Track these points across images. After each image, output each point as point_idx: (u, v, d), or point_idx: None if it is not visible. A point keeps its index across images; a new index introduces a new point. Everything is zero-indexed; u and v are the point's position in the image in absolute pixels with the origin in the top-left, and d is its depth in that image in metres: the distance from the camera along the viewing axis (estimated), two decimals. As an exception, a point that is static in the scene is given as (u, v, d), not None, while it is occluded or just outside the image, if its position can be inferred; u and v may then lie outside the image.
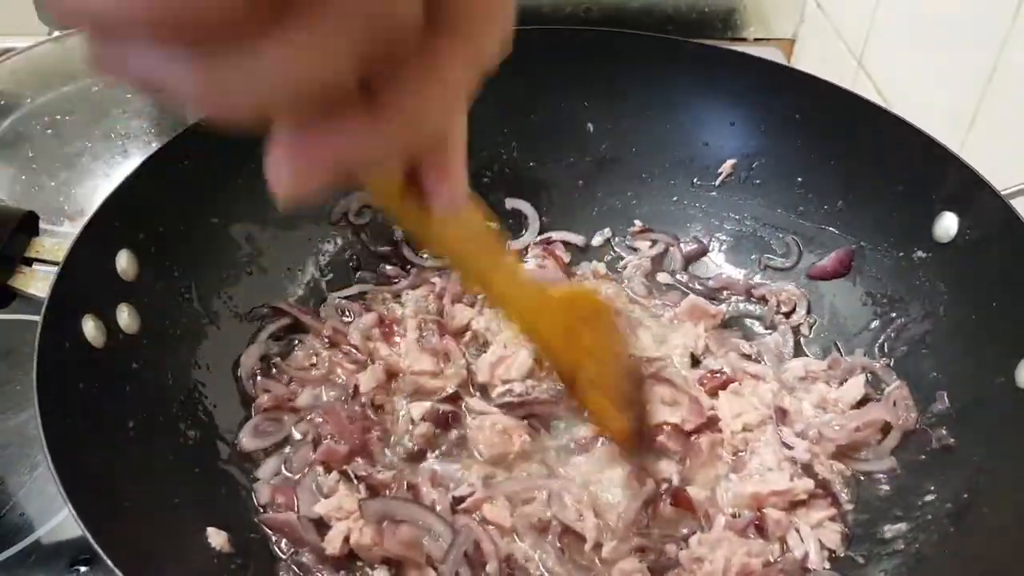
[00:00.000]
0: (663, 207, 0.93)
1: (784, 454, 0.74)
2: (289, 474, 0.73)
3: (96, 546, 0.52)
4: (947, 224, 0.76)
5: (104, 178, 1.00)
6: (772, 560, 0.69)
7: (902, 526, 0.69)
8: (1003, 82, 0.87)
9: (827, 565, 0.69)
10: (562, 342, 0.65)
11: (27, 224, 0.74)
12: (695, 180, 0.92)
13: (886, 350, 0.80)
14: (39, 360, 0.60)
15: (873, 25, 1.10)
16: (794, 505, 0.72)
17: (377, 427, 0.76)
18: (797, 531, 0.70)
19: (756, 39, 1.34)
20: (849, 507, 0.73)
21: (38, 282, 0.71)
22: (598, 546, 0.69)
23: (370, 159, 0.33)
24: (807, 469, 0.74)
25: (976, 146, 0.89)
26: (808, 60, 1.30)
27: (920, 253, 0.79)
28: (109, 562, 0.51)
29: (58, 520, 0.75)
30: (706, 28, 1.33)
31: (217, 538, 0.65)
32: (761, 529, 0.70)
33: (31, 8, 1.32)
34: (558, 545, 0.69)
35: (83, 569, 0.72)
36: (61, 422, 0.59)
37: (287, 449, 0.75)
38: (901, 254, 0.81)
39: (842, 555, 0.70)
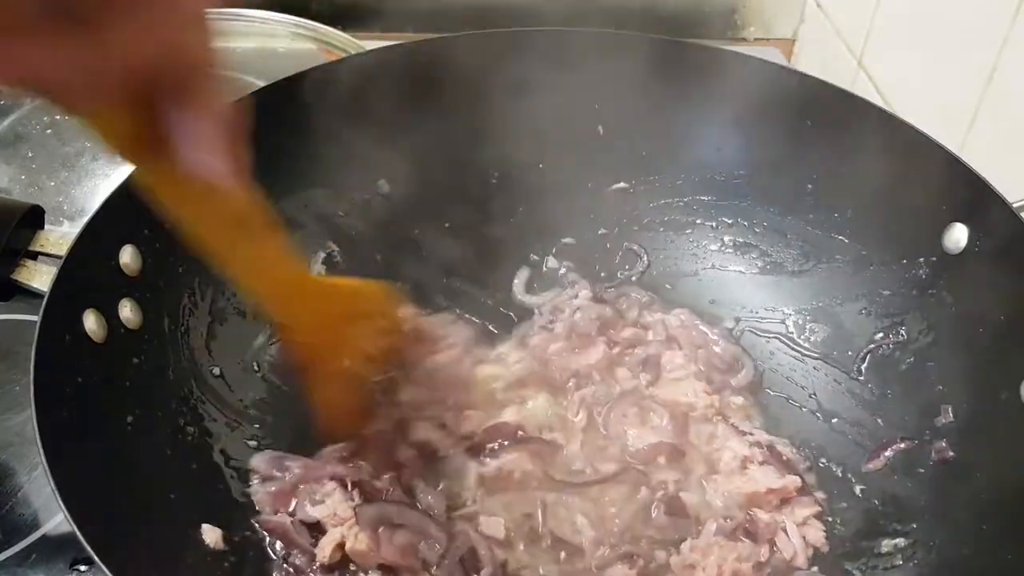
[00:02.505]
0: (672, 213, 0.93)
1: (747, 440, 0.76)
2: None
3: (84, 542, 0.51)
4: (957, 235, 0.75)
5: (104, 178, 1.00)
6: (762, 561, 0.69)
7: (900, 540, 0.69)
8: (1003, 82, 0.87)
9: (815, 568, 0.69)
10: (321, 333, 0.65)
11: (32, 218, 0.74)
12: (705, 185, 0.92)
13: (891, 362, 0.80)
14: (38, 353, 0.60)
15: (873, 25, 1.10)
16: (781, 503, 0.73)
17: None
18: (784, 531, 0.71)
19: (756, 39, 1.35)
20: (815, 488, 0.75)
21: (42, 276, 0.70)
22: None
23: (69, 79, 0.31)
24: (772, 450, 0.75)
25: (976, 146, 0.90)
26: (808, 60, 1.31)
27: (928, 263, 0.78)
28: (97, 559, 0.51)
29: (59, 519, 0.75)
30: (706, 28, 1.34)
31: (211, 535, 0.65)
32: (750, 532, 0.70)
33: (31, 8, 1.33)
34: (551, 553, 0.69)
35: (83, 568, 0.72)
36: (58, 415, 0.58)
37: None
38: (909, 264, 0.80)
39: (825, 551, 0.70)
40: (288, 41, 1.23)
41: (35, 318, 0.61)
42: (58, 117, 1.07)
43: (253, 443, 0.75)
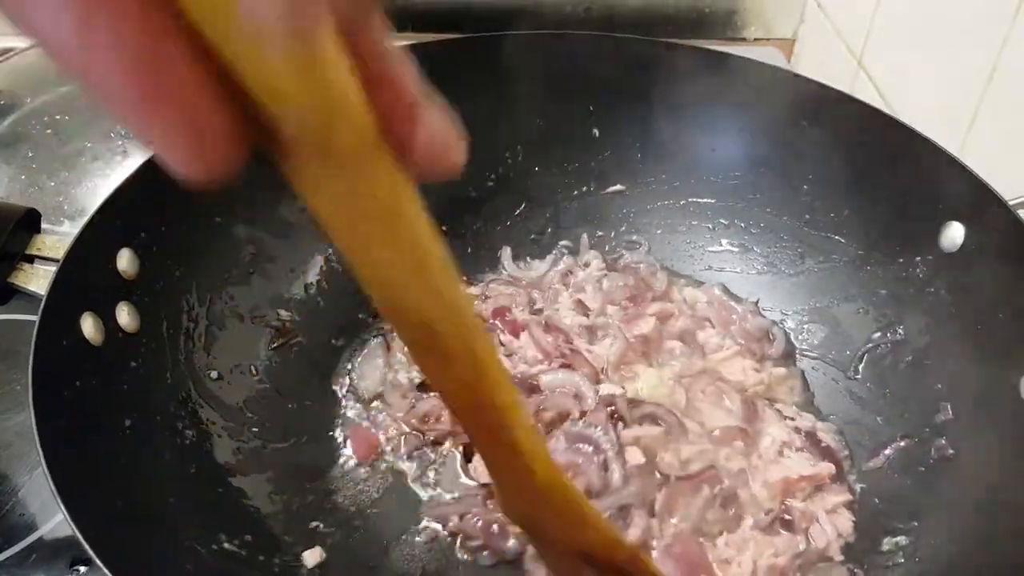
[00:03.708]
0: (669, 215, 0.93)
1: (788, 425, 0.76)
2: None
3: (85, 544, 0.51)
4: (953, 234, 0.75)
5: (104, 178, 1.00)
6: (797, 553, 0.69)
7: (901, 539, 0.69)
8: (1003, 82, 0.87)
9: (840, 557, 0.69)
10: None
11: (28, 221, 0.74)
12: (702, 187, 0.92)
13: (889, 361, 0.80)
14: (36, 357, 0.60)
15: (873, 25, 1.10)
16: (814, 490, 0.73)
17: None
18: (817, 520, 0.71)
19: (756, 39, 1.34)
20: (851, 477, 0.74)
21: (39, 279, 0.71)
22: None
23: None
24: (811, 437, 0.75)
25: (976, 147, 0.89)
26: (808, 60, 1.30)
27: (925, 262, 0.78)
28: (98, 560, 0.51)
29: (58, 520, 0.75)
30: (706, 28, 1.33)
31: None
32: (787, 523, 0.70)
33: (31, 9, 1.32)
34: None
35: (83, 569, 0.72)
36: (56, 419, 0.59)
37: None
38: (906, 263, 0.80)
39: (853, 540, 0.70)
40: (288, 41, 1.23)
41: (35, 318, 0.61)
42: (59, 117, 1.07)
43: (252, 446, 0.75)
